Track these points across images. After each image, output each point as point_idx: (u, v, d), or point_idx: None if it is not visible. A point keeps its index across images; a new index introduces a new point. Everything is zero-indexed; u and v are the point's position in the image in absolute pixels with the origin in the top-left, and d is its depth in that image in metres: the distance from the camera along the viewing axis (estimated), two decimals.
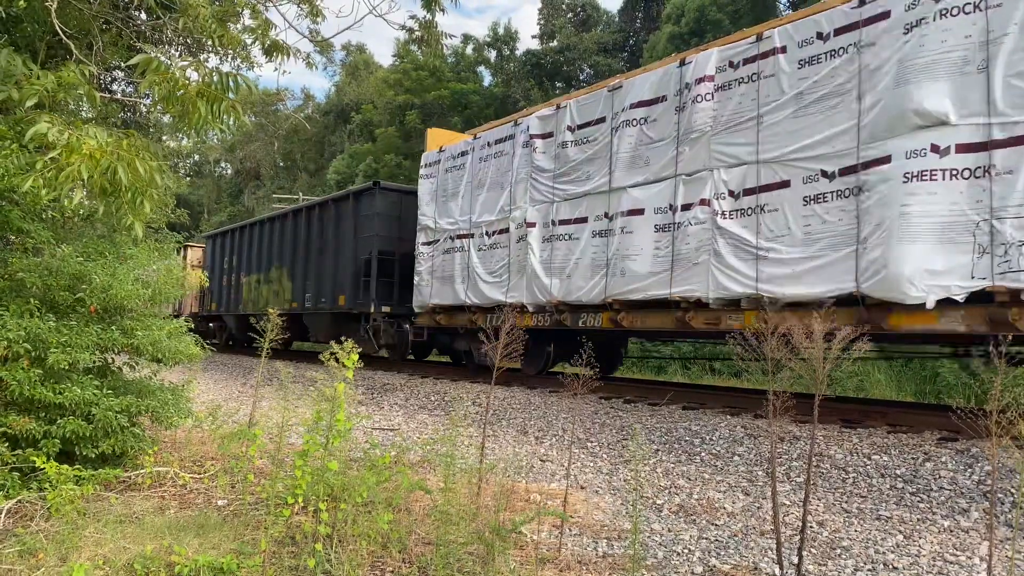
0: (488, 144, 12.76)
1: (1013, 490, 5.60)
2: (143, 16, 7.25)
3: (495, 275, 12.18)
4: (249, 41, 5.89)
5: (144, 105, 8.86)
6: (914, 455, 6.58)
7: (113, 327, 5.85)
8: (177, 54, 8.69)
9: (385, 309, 15.24)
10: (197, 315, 24.83)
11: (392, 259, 15.56)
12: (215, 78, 3.39)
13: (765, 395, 3.68)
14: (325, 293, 17.18)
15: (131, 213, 3.45)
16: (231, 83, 3.43)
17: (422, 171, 14.31)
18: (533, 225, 11.38)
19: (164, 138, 15.91)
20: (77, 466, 4.95)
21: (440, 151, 14.03)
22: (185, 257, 25.59)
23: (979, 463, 6.18)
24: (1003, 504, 5.52)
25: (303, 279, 18.20)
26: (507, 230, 11.91)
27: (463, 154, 13.35)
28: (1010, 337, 3.25)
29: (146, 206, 3.46)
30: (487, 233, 12.41)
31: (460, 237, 13.06)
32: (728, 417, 8.63)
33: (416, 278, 14.23)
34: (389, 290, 15.45)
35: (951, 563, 4.45)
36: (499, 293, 12.00)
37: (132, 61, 3.31)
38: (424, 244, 14.07)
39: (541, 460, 7.56)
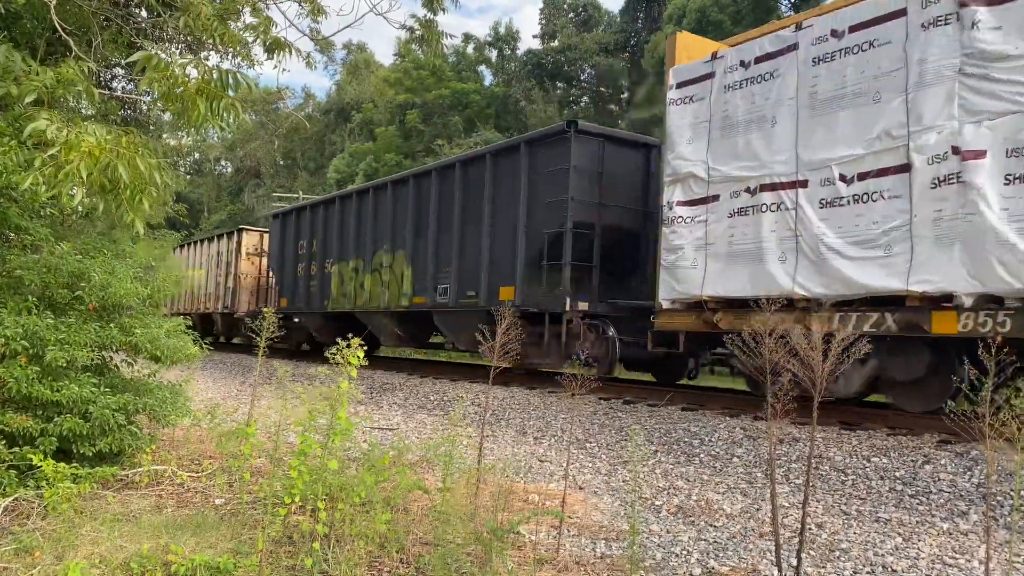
0: (836, 33, 7.91)
1: (1013, 493, 5.59)
2: (143, 13, 7.24)
3: (873, 245, 7.46)
4: (251, 39, 5.88)
5: (144, 103, 8.84)
6: (913, 457, 6.57)
7: (111, 325, 5.84)
8: (178, 52, 8.67)
9: (582, 306, 11.04)
10: (252, 314, 20.19)
11: (589, 234, 11.35)
12: (215, 76, 3.38)
13: (765, 397, 3.66)
14: (474, 283, 12.90)
15: (131, 210, 3.43)
16: (231, 81, 3.42)
17: (673, 94, 9.64)
18: (979, 155, 6.69)
19: (164, 136, 15.92)
20: (74, 464, 4.93)
21: (714, 58, 9.24)
22: (239, 244, 22.67)
23: (978, 465, 6.17)
24: (1002, 507, 5.51)
25: (434, 265, 13.79)
26: (901, 168, 7.28)
27: (772, 56, 8.53)
28: (1000, 339, 3.23)
29: (145, 204, 3.45)
30: (845, 178, 7.72)
31: (770, 188, 8.42)
32: (727, 419, 8.62)
33: (666, 257, 9.58)
34: (585, 279, 11.34)
35: (950, 566, 4.44)
36: (885, 275, 7.32)
37: (132, 58, 3.30)
38: (683, 204, 9.43)
39: (540, 460, 7.55)
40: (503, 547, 3.74)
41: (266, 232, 22.96)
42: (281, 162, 54.36)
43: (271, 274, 21.23)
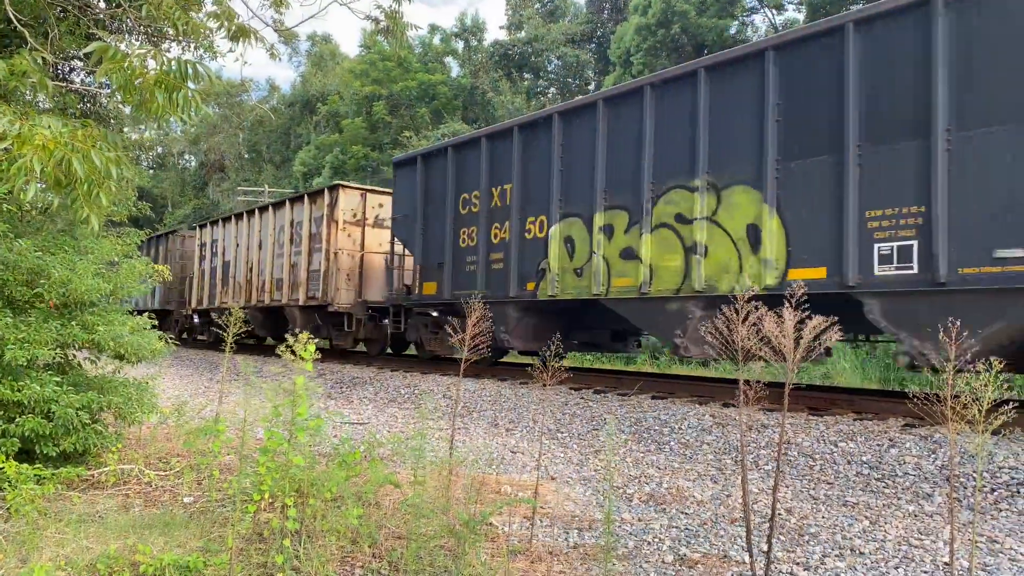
0: None
1: (975, 474, 5.70)
2: (102, 4, 7.09)
3: None
4: (214, 27, 5.78)
5: (104, 95, 8.67)
6: (879, 441, 6.67)
7: (73, 322, 5.73)
8: (138, 43, 8.51)
9: None
10: (366, 307, 15.82)
11: None
12: (173, 67, 3.30)
13: (733, 384, 3.69)
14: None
15: (87, 206, 3.35)
16: (190, 71, 3.35)
17: None
18: None
19: (126, 129, 15.62)
20: (38, 465, 4.83)
21: None
22: (333, 210, 16.19)
23: (942, 448, 6.29)
24: (966, 488, 5.62)
25: (847, 215, 7.48)
26: None
27: None
28: (959, 322, 3.27)
29: (103, 198, 3.37)
30: None
31: None
32: (697, 406, 8.68)
33: None
34: None
35: (916, 547, 4.52)
36: None
37: (87, 49, 3.22)
38: None
39: (512, 452, 7.55)
40: (476, 539, 3.73)
41: (373, 191, 16.94)
42: (246, 155, 53.68)
43: (402, 248, 14.80)
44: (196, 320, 23.35)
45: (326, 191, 16.53)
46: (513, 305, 11.51)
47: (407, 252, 14.67)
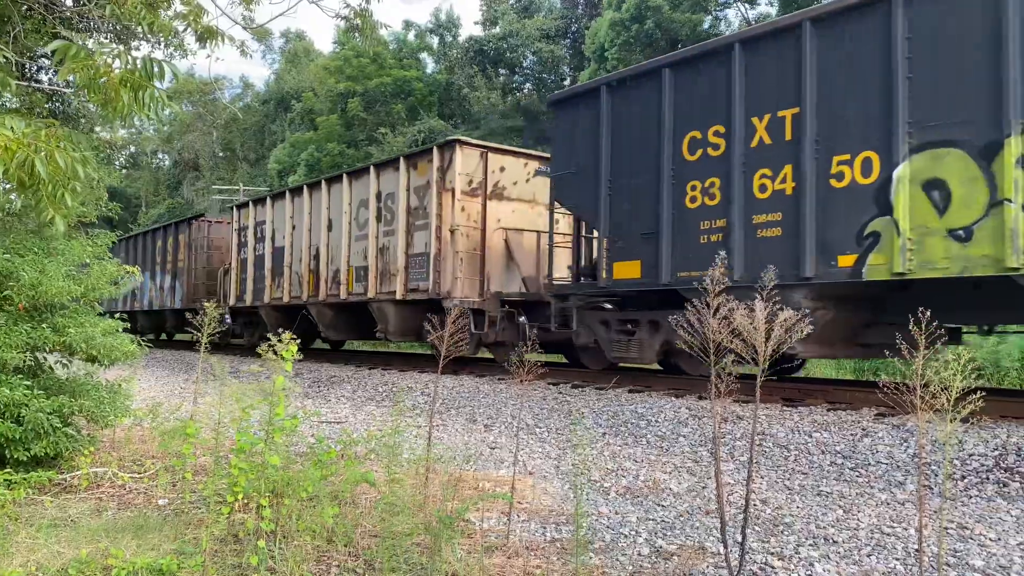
0: None
1: (945, 462, 5.78)
2: (68, 2, 7.00)
3: None
4: (181, 28, 5.72)
5: (70, 94, 8.56)
6: (852, 431, 6.75)
7: (43, 325, 5.66)
8: (107, 41, 8.41)
9: None
10: (499, 300, 12.35)
11: None
12: (139, 65, 3.27)
13: (709, 377, 3.71)
14: None
15: (51, 207, 3.31)
16: (156, 70, 3.31)
17: None
18: None
19: (97, 128, 15.43)
20: (8, 470, 4.78)
21: None
22: (444, 175, 12.68)
23: (914, 437, 6.37)
24: (937, 475, 5.70)
25: None
26: None
27: None
28: (928, 313, 3.31)
29: (68, 199, 3.33)
30: None
31: None
32: (673, 399, 8.74)
33: None
34: None
35: (888, 535, 4.58)
36: None
37: (50, 47, 3.17)
38: None
39: (490, 448, 7.56)
40: (452, 535, 3.73)
41: (498, 150, 13.39)
42: (220, 153, 53.24)
43: (580, 223, 11.30)
44: (229, 320, 20.00)
45: (436, 150, 12.94)
46: (806, 290, 7.89)
47: (593, 225, 10.71)
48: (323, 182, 16.10)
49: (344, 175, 15.39)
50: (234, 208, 20.46)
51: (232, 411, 4.25)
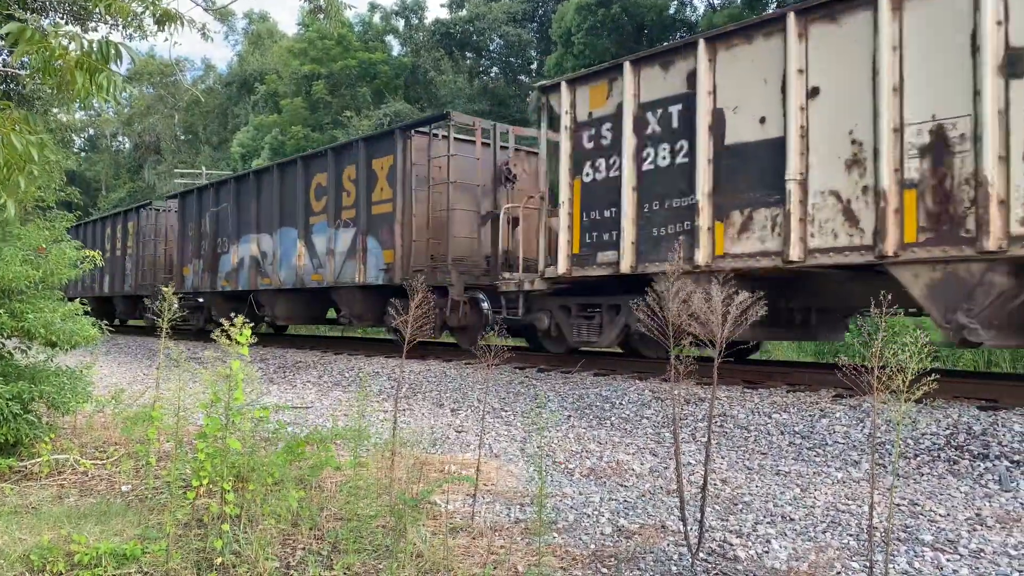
0: None
1: (900, 442, 5.94)
2: None
3: None
4: (140, 10, 5.62)
5: (24, 77, 8.38)
6: (811, 412, 6.90)
7: (1, 310, 5.57)
8: (64, 22, 8.25)
9: None
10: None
11: None
12: (95, 48, 3.22)
13: (668, 359, 3.78)
14: None
15: (4, 190, 3.26)
16: (112, 52, 3.27)
17: None
18: None
19: (54, 110, 15.09)
20: None
21: None
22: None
23: (870, 417, 6.53)
24: (891, 454, 5.86)
25: None
26: None
27: None
28: (891, 296, 3.41)
29: (21, 182, 3.28)
30: None
31: None
32: (637, 382, 8.85)
33: None
34: None
35: (843, 512, 4.71)
36: None
37: (3, 30, 3.12)
38: None
39: (457, 431, 7.60)
40: (417, 517, 3.77)
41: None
42: (182, 136, 52.38)
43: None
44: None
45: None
46: None
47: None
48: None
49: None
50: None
51: (195, 396, 4.24)
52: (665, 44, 10.65)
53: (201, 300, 19.39)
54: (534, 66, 37.80)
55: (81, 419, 6.95)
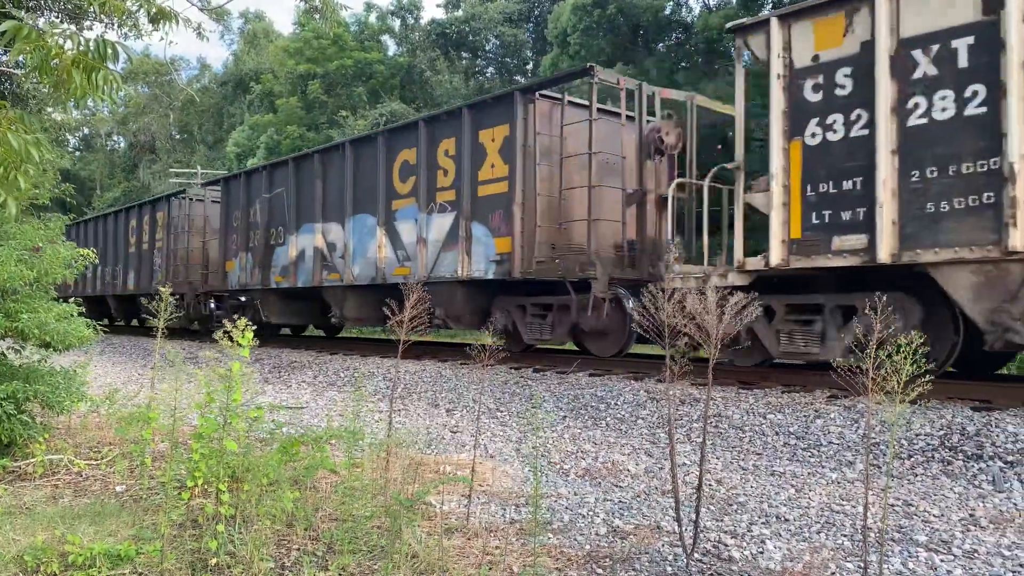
0: None
1: (892, 442, 5.96)
2: None
3: None
4: (134, 8, 5.60)
5: (20, 75, 8.35)
6: (806, 413, 6.92)
7: None
8: (59, 20, 8.23)
9: None
10: None
11: None
12: (91, 46, 3.21)
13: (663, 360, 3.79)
14: None
15: (3, 189, 3.25)
16: (109, 51, 3.26)
17: None
18: None
19: (49, 110, 15.05)
20: None
21: None
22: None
23: (865, 418, 6.55)
24: (885, 455, 5.87)
25: None
26: None
27: None
28: (884, 297, 3.42)
29: (21, 182, 3.27)
30: None
31: None
32: (632, 382, 8.86)
33: None
34: None
35: (837, 512, 4.72)
36: None
37: (0, 28, 3.11)
38: None
39: (452, 432, 7.60)
40: (412, 518, 3.77)
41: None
42: (177, 136, 52.25)
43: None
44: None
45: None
46: None
47: None
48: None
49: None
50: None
51: (191, 397, 4.24)
52: None
53: (244, 299, 17.34)
54: (530, 66, 37.80)
55: (75, 419, 6.94)
